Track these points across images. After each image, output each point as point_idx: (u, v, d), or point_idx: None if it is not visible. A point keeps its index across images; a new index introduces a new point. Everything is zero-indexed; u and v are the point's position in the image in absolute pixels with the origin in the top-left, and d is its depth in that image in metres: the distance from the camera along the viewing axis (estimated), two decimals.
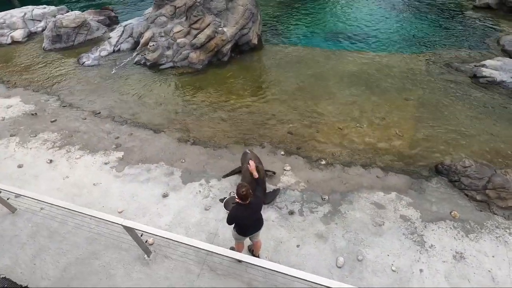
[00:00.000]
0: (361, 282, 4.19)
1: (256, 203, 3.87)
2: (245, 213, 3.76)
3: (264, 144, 6.72)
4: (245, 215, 3.79)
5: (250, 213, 3.81)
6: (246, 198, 3.62)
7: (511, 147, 6.16)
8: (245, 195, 3.60)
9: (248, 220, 3.87)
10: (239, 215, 3.79)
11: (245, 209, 3.72)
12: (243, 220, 3.86)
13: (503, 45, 9.00)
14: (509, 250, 4.41)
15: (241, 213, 3.77)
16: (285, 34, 11.40)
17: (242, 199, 3.64)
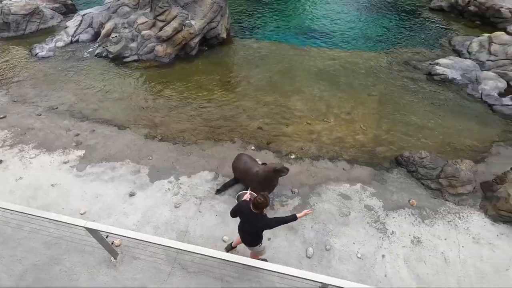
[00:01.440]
0: (329, 270, 4.38)
1: (264, 222, 3.51)
2: (248, 218, 3.54)
3: (234, 139, 6.71)
4: (247, 219, 3.59)
5: (251, 222, 3.55)
6: (256, 207, 3.38)
7: (461, 139, 6.73)
8: (259, 205, 3.34)
9: (246, 225, 3.66)
10: (242, 213, 3.62)
11: (252, 216, 3.47)
12: (243, 221, 3.72)
13: (454, 45, 9.76)
14: (459, 233, 4.85)
15: (244, 213, 3.57)
16: (255, 29, 11.37)
17: (253, 205, 3.39)
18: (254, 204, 3.38)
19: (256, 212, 3.43)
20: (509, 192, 4.93)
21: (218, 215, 5.08)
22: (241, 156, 5.39)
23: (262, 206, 3.37)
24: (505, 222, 4.93)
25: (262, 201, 3.34)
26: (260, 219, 3.49)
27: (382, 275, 4.35)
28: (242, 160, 5.26)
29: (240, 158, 5.32)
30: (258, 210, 3.40)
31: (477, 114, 7.34)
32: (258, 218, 3.47)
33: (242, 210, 3.63)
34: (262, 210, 3.42)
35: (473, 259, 4.49)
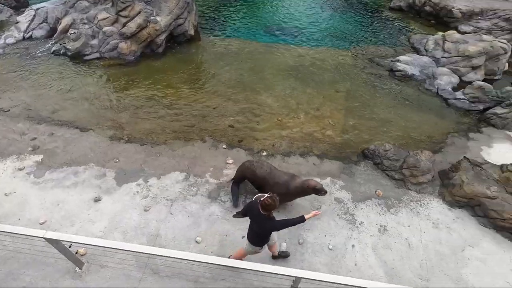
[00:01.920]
0: (303, 264, 4.48)
1: (272, 225, 3.51)
2: (257, 218, 3.53)
3: (205, 138, 6.60)
4: (255, 219, 3.58)
5: (259, 224, 3.55)
6: (264, 209, 3.37)
7: (421, 131, 7.16)
8: (267, 206, 3.33)
9: (254, 226, 3.64)
10: (251, 212, 3.61)
11: (261, 218, 3.47)
12: (251, 221, 3.69)
13: (412, 43, 10.34)
14: (420, 219, 5.18)
15: (253, 213, 3.56)
16: (223, 26, 11.25)
17: (261, 207, 3.38)
18: (262, 206, 3.37)
19: (264, 214, 3.42)
20: (462, 179, 5.34)
21: (190, 216, 4.99)
22: (263, 162, 5.19)
23: (270, 208, 3.35)
24: (460, 206, 5.34)
25: (270, 202, 3.32)
26: (268, 221, 3.47)
27: (353, 264, 4.53)
28: (266, 166, 5.05)
29: (263, 165, 5.07)
30: (266, 211, 3.39)
31: (434, 108, 7.86)
32: (266, 220, 3.46)
33: (252, 210, 3.61)
34: (270, 212, 3.41)
35: (433, 243, 4.82)
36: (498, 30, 10.48)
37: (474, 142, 6.82)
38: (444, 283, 4.37)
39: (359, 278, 4.26)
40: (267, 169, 4.97)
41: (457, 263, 4.59)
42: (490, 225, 5.03)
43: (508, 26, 10.44)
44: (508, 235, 4.92)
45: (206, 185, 5.53)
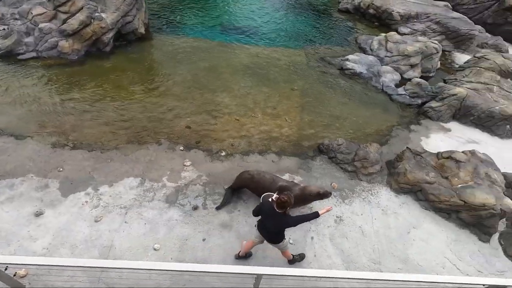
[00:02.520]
0: (265, 261, 4.52)
1: (286, 221, 3.61)
2: (271, 216, 3.58)
3: (161, 141, 6.34)
4: (270, 217, 3.63)
5: (274, 221, 3.61)
6: (280, 207, 3.45)
7: (369, 125, 7.68)
8: (282, 203, 3.41)
9: (269, 223, 3.71)
10: (266, 211, 3.66)
11: (275, 215, 3.53)
12: (265, 218, 3.75)
13: (359, 43, 11.05)
14: (372, 208, 5.55)
15: (268, 213, 3.61)
16: (177, 25, 10.90)
17: (277, 204, 3.45)
18: (278, 204, 3.46)
19: (280, 212, 3.50)
20: (406, 168, 5.85)
21: (147, 223, 4.76)
22: (264, 173, 5.20)
23: (286, 205, 3.45)
24: (405, 193, 5.83)
25: (286, 200, 3.42)
26: (283, 218, 3.56)
27: (312, 255, 4.70)
28: (268, 176, 5.07)
29: (264, 174, 5.12)
30: (282, 209, 3.48)
31: (380, 103, 8.48)
32: (282, 217, 3.55)
33: (265, 210, 3.68)
34: (285, 209, 3.49)
35: (383, 228, 5.20)
36: (431, 32, 11.65)
37: (414, 133, 7.51)
38: (394, 264, 4.74)
39: (319, 269, 4.47)
40: (270, 179, 5.01)
41: (404, 244, 5.01)
42: (430, 207, 5.57)
43: (439, 28, 11.65)
44: (445, 215, 5.50)
45: (164, 189, 5.32)
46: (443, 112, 7.91)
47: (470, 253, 5.02)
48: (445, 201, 5.37)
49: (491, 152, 6.42)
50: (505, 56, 9.33)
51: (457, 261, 4.88)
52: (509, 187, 5.85)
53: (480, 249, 5.09)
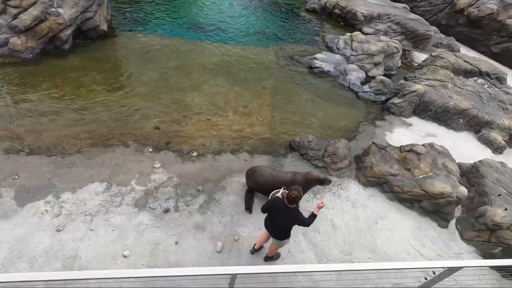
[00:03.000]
0: (240, 260, 4.51)
1: (296, 217, 3.66)
2: (282, 212, 3.64)
3: (128, 143, 6.08)
4: (280, 213, 3.68)
5: (284, 217, 3.67)
6: (292, 202, 3.55)
7: (337, 121, 7.95)
8: (293, 199, 3.51)
9: (279, 220, 3.75)
10: (276, 210, 3.72)
11: (286, 211, 3.61)
12: (275, 216, 3.78)
13: (326, 42, 11.37)
14: (342, 201, 5.75)
15: (278, 209, 3.68)
16: (143, 22, 10.49)
17: (288, 200, 3.55)
18: (289, 199, 3.54)
19: (292, 207, 3.58)
20: (372, 161, 6.13)
21: (115, 230, 4.54)
22: (263, 168, 5.34)
23: (297, 200, 3.56)
24: (372, 185, 6.11)
25: (296, 195, 3.52)
26: (296, 213, 3.65)
27: (287, 251, 4.76)
28: (267, 173, 5.19)
29: (263, 171, 5.24)
30: (293, 204, 3.57)
31: (347, 100, 8.80)
32: (293, 212, 3.63)
33: (275, 206, 3.74)
34: (297, 203, 3.60)
35: (353, 220, 5.41)
36: (392, 32, 12.29)
37: (379, 128, 7.88)
38: (364, 254, 4.95)
39: (293, 264, 4.55)
40: (268, 175, 5.15)
41: (372, 235, 5.25)
42: (395, 198, 5.89)
43: (399, 29, 12.32)
44: (408, 205, 5.84)
45: (132, 194, 5.11)
46: (404, 108, 8.39)
47: (431, 238, 5.38)
48: (408, 191, 5.70)
49: (447, 144, 6.92)
50: (457, 55, 10.09)
51: (420, 247, 5.21)
52: (463, 176, 6.34)
53: (439, 235, 5.48)
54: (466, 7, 13.34)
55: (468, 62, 9.58)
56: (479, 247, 5.32)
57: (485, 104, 8.66)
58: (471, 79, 9.37)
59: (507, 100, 8.80)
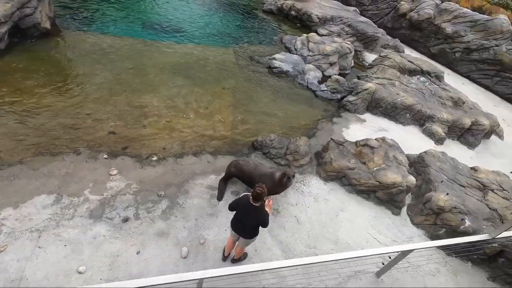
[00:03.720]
0: (207, 263, 4.44)
1: (262, 215, 3.71)
2: (248, 211, 3.68)
3: (79, 150, 5.64)
4: (248, 213, 3.70)
5: (250, 216, 3.71)
6: (256, 199, 3.56)
7: (298, 120, 8.18)
8: (258, 195, 3.53)
9: (245, 219, 3.78)
10: (242, 208, 3.75)
11: (252, 209, 3.64)
12: (242, 215, 3.82)
13: (284, 42, 11.66)
14: (305, 197, 5.94)
15: (244, 208, 3.70)
16: (91, 21, 9.81)
17: (253, 197, 3.57)
18: (254, 196, 3.57)
19: (257, 205, 3.61)
20: (331, 157, 6.41)
21: (68, 244, 4.19)
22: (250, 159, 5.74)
23: (261, 197, 3.57)
24: (332, 180, 6.39)
25: (261, 191, 3.53)
26: (259, 212, 3.68)
27: (253, 250, 4.78)
28: (252, 164, 5.44)
29: (249, 162, 5.50)
30: (258, 201, 3.59)
31: (306, 99, 9.11)
32: (258, 211, 3.66)
33: (242, 204, 3.77)
34: (261, 200, 3.61)
35: (316, 215, 5.62)
36: (345, 33, 12.99)
37: (337, 125, 8.28)
38: (327, 246, 5.17)
39: (260, 263, 4.57)
40: (253, 165, 5.38)
41: (334, 227, 5.49)
42: (353, 190, 6.23)
43: (351, 30, 13.07)
44: (365, 196, 6.22)
45: (86, 204, 4.75)
46: (358, 105, 8.92)
47: (386, 226, 5.79)
48: (365, 183, 6.07)
49: (396, 137, 7.50)
50: (402, 56, 10.97)
51: (377, 235, 5.58)
52: (411, 166, 6.92)
53: (393, 222, 5.92)
54: (408, 11, 14.59)
55: (411, 62, 10.48)
56: (427, 230, 5.85)
57: (427, 100, 9.54)
58: (414, 77, 10.26)
59: (445, 96, 9.79)
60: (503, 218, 5.49)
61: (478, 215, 5.58)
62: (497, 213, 5.61)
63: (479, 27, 13.23)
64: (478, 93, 12.87)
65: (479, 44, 13.13)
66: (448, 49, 13.95)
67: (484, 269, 5.40)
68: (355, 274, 4.76)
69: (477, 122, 9.04)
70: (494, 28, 12.82)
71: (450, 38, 13.74)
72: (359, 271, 4.77)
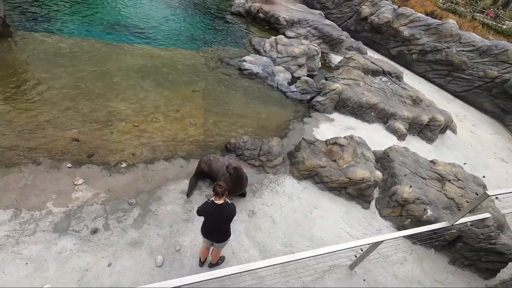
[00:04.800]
0: (183, 270, 4.34)
1: (229, 211, 3.74)
2: (215, 213, 3.69)
3: (39, 160, 5.26)
4: (214, 215, 3.71)
5: (219, 215, 3.71)
6: (220, 194, 3.58)
7: (270, 121, 8.29)
8: (221, 192, 3.57)
9: (215, 220, 3.77)
10: (208, 211, 3.73)
11: (216, 209, 3.66)
12: (210, 218, 3.78)
13: (253, 44, 11.76)
14: (279, 196, 6.03)
15: (210, 210, 3.70)
16: (48, 21, 9.20)
17: (216, 194, 3.60)
18: (216, 193, 3.59)
19: (220, 204, 3.63)
20: (303, 156, 6.58)
21: (30, 262, 3.88)
22: (220, 157, 5.79)
23: (223, 192, 3.61)
24: (305, 178, 6.56)
25: (221, 186, 3.60)
26: (227, 207, 3.70)
27: (230, 253, 4.77)
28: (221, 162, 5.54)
29: (221, 159, 5.69)
30: (222, 197, 3.62)
31: (277, 100, 9.26)
32: (225, 207, 3.68)
33: (208, 209, 3.73)
34: (224, 196, 3.64)
35: (291, 213, 5.72)
36: (311, 36, 13.39)
37: (307, 125, 8.51)
38: (303, 243, 5.28)
39: (238, 265, 4.56)
40: (221, 164, 5.48)
41: (308, 224, 5.64)
42: (325, 188, 6.44)
43: (317, 33, 13.49)
44: (337, 192, 6.45)
45: (49, 217, 4.44)
46: (327, 105, 9.23)
47: (357, 220, 6.05)
48: (336, 180, 6.30)
49: (363, 135, 7.87)
50: (365, 57, 11.54)
51: (349, 229, 5.81)
52: (377, 161, 7.30)
53: (364, 215, 6.20)
54: (369, 15, 15.39)
55: (374, 63, 11.06)
56: (394, 221, 6.20)
57: (389, 98, 10.12)
58: (377, 77, 10.84)
59: (405, 95, 10.46)
60: (459, 206, 5.99)
61: (438, 204, 6.03)
62: (454, 201, 6.09)
63: (432, 30, 14.30)
64: (433, 91, 13.90)
65: (432, 46, 14.20)
66: (406, 51, 14.92)
67: (445, 254, 5.84)
68: (330, 268, 4.92)
69: (434, 119, 9.76)
70: (445, 32, 13.94)
71: (407, 41, 14.71)
72: (333, 266, 4.94)
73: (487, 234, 5.47)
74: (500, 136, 12.14)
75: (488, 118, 13.38)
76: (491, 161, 10.01)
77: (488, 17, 21.56)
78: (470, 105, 13.86)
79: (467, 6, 23.98)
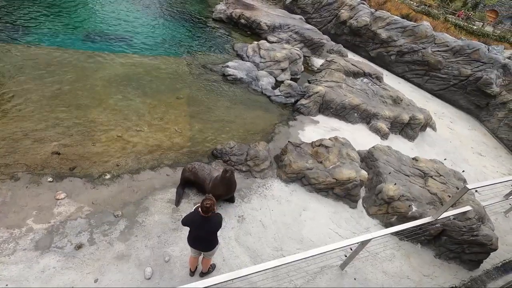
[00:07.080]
0: (174, 281, 4.26)
1: (215, 221, 3.74)
2: (201, 224, 3.68)
3: (17, 175, 5.05)
4: (200, 226, 3.70)
5: (205, 227, 3.70)
6: (207, 211, 3.57)
7: (255, 125, 8.31)
8: (207, 208, 3.55)
9: (201, 232, 3.75)
10: (194, 222, 3.71)
11: (202, 221, 3.65)
12: (196, 229, 3.76)
13: (236, 50, 11.81)
14: (268, 200, 6.04)
15: (196, 221, 3.69)
16: (23, 31, 8.93)
17: (202, 211, 3.58)
18: (203, 209, 3.57)
19: (208, 216, 3.61)
20: (290, 159, 6.63)
21: (10, 283, 3.71)
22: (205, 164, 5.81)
23: (211, 208, 3.60)
24: (292, 181, 6.60)
25: (210, 202, 3.57)
26: (213, 218, 3.70)
27: (221, 260, 4.72)
28: (207, 169, 5.62)
29: (206, 166, 5.74)
30: (208, 212, 3.60)
31: (261, 105, 9.31)
32: (212, 218, 3.67)
33: (195, 220, 3.72)
34: (211, 211, 3.62)
35: (280, 217, 5.74)
36: (293, 40, 13.60)
37: (293, 128, 8.60)
38: (293, 246, 5.30)
39: (229, 272, 4.52)
40: (208, 170, 5.57)
41: (298, 226, 5.67)
42: (313, 189, 6.50)
43: (298, 37, 13.72)
44: (324, 193, 6.52)
45: (30, 235, 4.26)
46: (311, 108, 9.37)
47: (345, 219, 6.13)
48: (323, 181, 6.38)
49: (347, 135, 8.03)
50: (346, 60, 11.82)
51: (338, 229, 5.88)
52: (362, 161, 7.46)
53: (351, 215, 6.30)
54: (348, 19, 15.79)
55: (354, 65, 11.34)
56: (381, 219, 6.33)
57: (370, 99, 10.39)
58: (358, 79, 11.11)
59: (385, 95, 10.77)
60: (442, 200, 6.19)
61: (422, 200, 6.21)
62: (437, 196, 6.29)
63: (408, 32, 14.83)
64: (412, 90, 14.38)
65: (409, 48, 14.71)
66: (385, 53, 15.38)
67: (431, 249, 6.00)
68: (321, 270, 4.95)
69: (414, 117, 10.08)
70: (420, 33, 14.49)
71: (385, 43, 15.18)
72: (324, 266, 4.98)
73: (469, 226, 5.67)
74: (476, 131, 12.67)
75: (464, 114, 13.95)
76: (469, 155, 10.41)
77: (460, 19, 22.58)
78: (447, 102, 14.41)
79: (439, 8, 25.04)
